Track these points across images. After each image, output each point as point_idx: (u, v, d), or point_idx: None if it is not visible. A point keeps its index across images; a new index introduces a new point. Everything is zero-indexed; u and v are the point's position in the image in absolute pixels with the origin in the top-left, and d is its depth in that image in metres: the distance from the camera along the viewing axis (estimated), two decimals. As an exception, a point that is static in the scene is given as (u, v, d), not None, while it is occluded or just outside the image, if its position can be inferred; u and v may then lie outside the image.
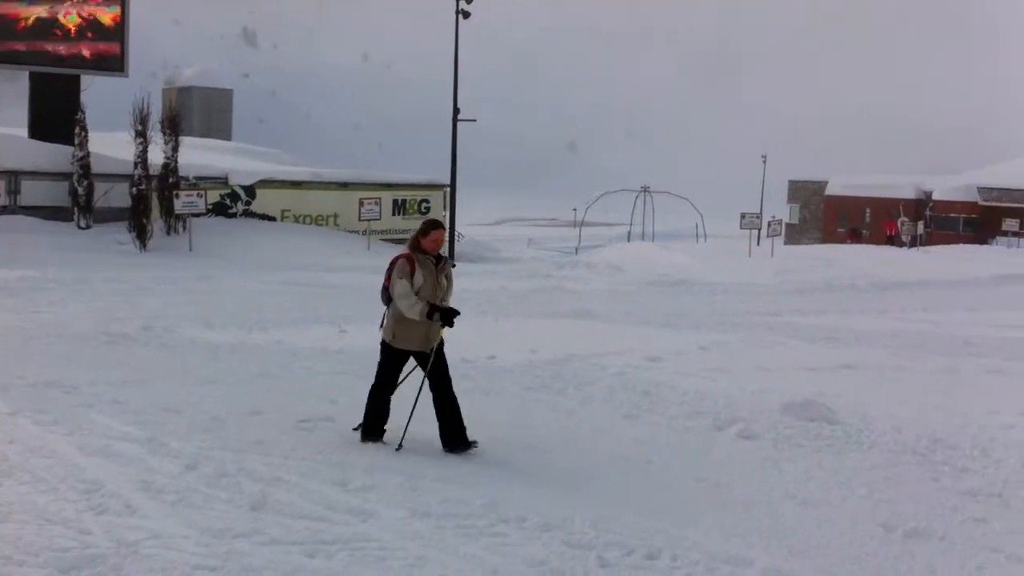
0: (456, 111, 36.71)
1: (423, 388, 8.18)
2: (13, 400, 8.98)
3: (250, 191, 29.98)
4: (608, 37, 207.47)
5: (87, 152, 26.69)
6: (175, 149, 27.45)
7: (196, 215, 27.03)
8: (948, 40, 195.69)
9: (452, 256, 30.10)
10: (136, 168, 26.71)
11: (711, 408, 10.12)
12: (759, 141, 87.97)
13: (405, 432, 8.07)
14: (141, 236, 25.85)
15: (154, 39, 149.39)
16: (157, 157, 27.18)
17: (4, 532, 5.73)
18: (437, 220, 8.40)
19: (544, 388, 11.01)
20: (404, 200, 32.89)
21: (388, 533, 6.08)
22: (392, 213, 32.20)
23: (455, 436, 8.09)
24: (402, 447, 8.00)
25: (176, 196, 26.74)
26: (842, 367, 13.03)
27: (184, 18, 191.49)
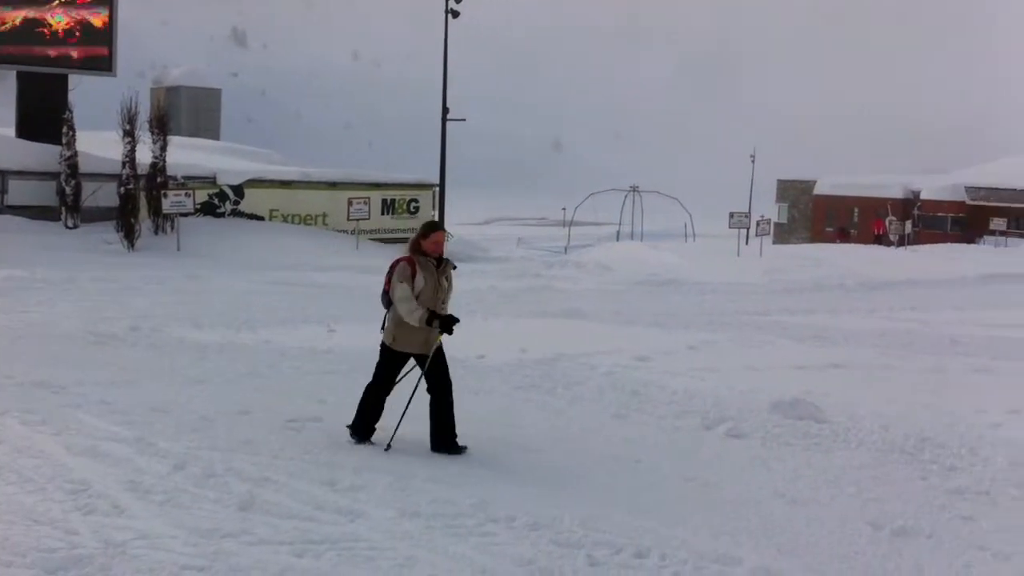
0: (445, 110, 36.71)
1: (417, 389, 8.17)
2: (1, 400, 8.95)
3: (238, 191, 29.90)
4: (598, 37, 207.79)
5: (75, 151, 26.57)
6: (163, 148, 27.36)
7: (184, 215, 26.95)
8: (945, 40, 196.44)
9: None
10: (124, 168, 26.63)
11: (700, 407, 10.13)
12: (753, 141, 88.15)
13: (395, 432, 8.07)
14: (129, 236, 25.78)
15: (142, 39, 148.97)
16: (145, 157, 27.09)
17: (-9, 533, 5.70)
18: (437, 222, 8.39)
19: (533, 387, 11.01)
20: (393, 200, 32.84)
21: (377, 533, 6.07)
22: (381, 213, 32.16)
23: (445, 440, 8.09)
24: (391, 447, 8.00)
25: (164, 196, 26.65)
26: (830, 366, 13.07)
27: (173, 18, 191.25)
